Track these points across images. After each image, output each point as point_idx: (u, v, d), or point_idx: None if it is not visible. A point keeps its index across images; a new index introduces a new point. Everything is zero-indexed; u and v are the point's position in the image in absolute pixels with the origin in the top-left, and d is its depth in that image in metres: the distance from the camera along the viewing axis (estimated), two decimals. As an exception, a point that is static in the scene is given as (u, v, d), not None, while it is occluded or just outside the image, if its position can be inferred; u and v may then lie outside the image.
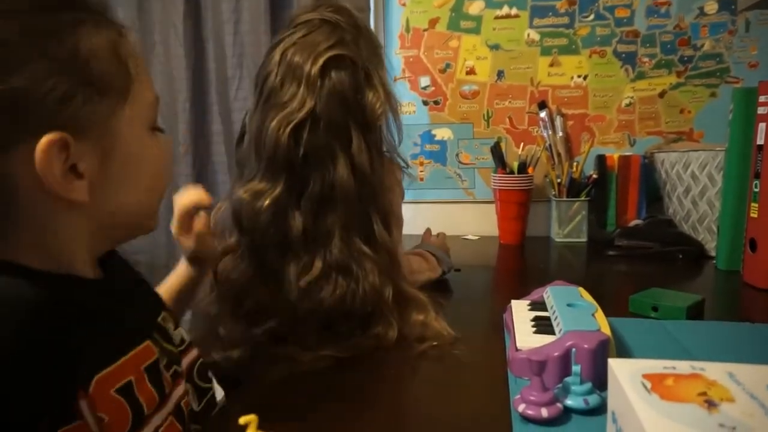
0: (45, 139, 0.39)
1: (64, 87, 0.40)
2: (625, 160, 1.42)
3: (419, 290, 0.75)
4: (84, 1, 0.43)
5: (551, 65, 1.51)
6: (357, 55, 0.72)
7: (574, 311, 0.64)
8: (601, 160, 1.43)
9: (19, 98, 0.38)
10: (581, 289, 0.72)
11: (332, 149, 0.69)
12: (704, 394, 0.33)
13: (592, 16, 1.48)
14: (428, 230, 1.13)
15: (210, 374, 0.54)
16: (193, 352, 0.54)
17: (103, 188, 0.43)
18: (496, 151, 1.41)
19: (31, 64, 0.38)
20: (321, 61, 0.69)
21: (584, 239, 1.40)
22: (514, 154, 1.49)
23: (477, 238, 1.50)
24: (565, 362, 0.54)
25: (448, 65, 1.54)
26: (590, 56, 1.49)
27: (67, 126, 0.40)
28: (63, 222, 0.42)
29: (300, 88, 0.68)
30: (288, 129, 0.67)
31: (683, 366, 0.37)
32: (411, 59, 1.56)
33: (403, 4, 1.54)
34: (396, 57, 1.56)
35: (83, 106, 0.41)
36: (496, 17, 1.51)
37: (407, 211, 0.83)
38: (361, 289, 0.69)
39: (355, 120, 0.70)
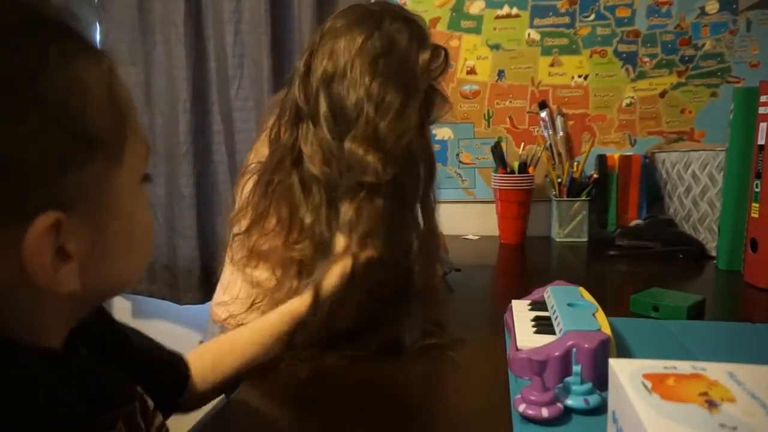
0: (40, 224, 0.30)
1: (56, 145, 0.31)
2: (625, 160, 1.42)
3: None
4: (73, 28, 0.34)
5: (552, 65, 1.50)
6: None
7: (574, 311, 0.63)
8: (601, 159, 1.43)
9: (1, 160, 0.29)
10: (582, 289, 0.72)
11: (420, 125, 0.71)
12: (705, 394, 0.33)
13: (592, 16, 1.47)
14: (431, 231, 1.12)
15: None
16: (159, 419, 0.44)
17: (95, 264, 0.35)
18: (497, 151, 1.41)
19: (15, 113, 0.29)
20: (428, 50, 0.71)
21: (585, 239, 1.40)
22: (515, 153, 1.49)
23: (477, 237, 1.49)
24: (565, 362, 0.54)
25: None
26: (591, 56, 1.49)
27: (60, 200, 0.31)
28: (40, 306, 0.33)
29: (403, 71, 0.69)
30: None
31: (684, 366, 0.36)
32: (411, 59, 1.55)
33: (404, 4, 1.54)
34: (396, 57, 1.56)
35: (78, 170, 0.32)
36: (497, 17, 1.51)
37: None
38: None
39: (427, 113, 0.74)
